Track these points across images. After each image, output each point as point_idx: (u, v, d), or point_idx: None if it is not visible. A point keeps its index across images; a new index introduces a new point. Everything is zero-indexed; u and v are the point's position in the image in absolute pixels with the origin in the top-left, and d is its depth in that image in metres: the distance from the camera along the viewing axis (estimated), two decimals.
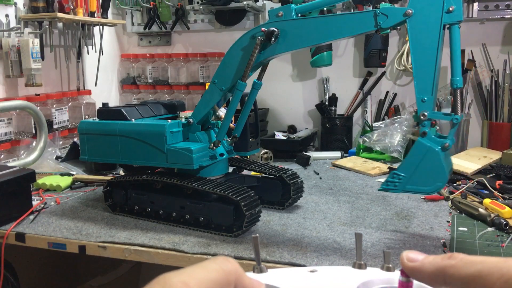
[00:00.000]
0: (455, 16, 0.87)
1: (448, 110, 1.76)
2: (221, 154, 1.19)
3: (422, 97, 0.90)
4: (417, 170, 0.90)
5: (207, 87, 1.17)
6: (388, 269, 0.37)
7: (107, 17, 2.09)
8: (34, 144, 1.67)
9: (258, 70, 1.14)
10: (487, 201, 1.21)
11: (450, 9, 0.87)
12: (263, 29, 1.02)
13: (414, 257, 0.34)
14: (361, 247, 0.39)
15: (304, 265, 0.93)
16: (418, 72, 0.91)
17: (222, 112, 1.25)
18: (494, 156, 1.66)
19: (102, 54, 2.13)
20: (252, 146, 1.27)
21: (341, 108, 2.12)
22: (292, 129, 2.14)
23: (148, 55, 2.37)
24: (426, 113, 0.89)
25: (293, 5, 1.03)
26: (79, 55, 2.04)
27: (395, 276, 0.36)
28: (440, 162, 0.89)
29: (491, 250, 0.98)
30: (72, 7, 1.83)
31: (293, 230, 1.12)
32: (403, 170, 0.92)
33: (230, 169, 1.29)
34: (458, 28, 0.89)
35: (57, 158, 1.77)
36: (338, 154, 1.89)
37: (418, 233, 1.08)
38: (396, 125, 1.84)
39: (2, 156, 1.67)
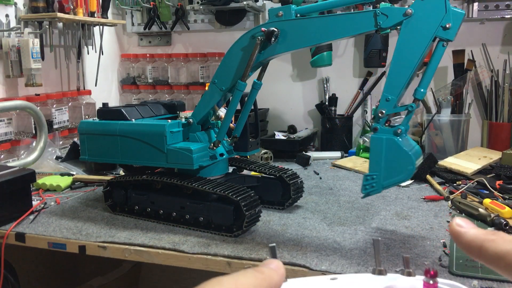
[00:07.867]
0: (448, 34, 0.88)
1: (448, 110, 1.76)
2: (221, 154, 1.19)
3: (387, 96, 0.92)
4: (385, 164, 0.92)
5: (207, 87, 1.17)
6: (409, 274, 0.37)
7: (107, 17, 2.09)
8: (34, 144, 1.67)
9: (258, 70, 1.14)
10: (487, 201, 1.21)
11: (447, 25, 0.87)
12: (263, 29, 1.02)
13: (462, 223, 0.36)
14: (379, 253, 0.38)
15: (304, 265, 0.93)
16: (394, 72, 0.92)
17: (222, 112, 1.25)
18: (494, 156, 1.66)
19: (102, 54, 2.13)
20: (252, 146, 1.27)
21: (341, 108, 2.12)
22: (292, 129, 2.14)
23: (148, 55, 2.37)
24: (384, 111, 0.92)
25: (293, 6, 1.03)
26: (79, 55, 2.04)
27: (416, 281, 0.36)
28: (401, 147, 0.91)
29: None
30: (72, 7, 1.83)
31: (293, 230, 1.12)
32: (372, 170, 0.93)
33: (230, 169, 1.29)
34: (443, 47, 0.90)
35: (57, 158, 1.77)
36: (338, 154, 1.90)
37: (418, 233, 1.08)
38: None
39: (2, 156, 1.67)
